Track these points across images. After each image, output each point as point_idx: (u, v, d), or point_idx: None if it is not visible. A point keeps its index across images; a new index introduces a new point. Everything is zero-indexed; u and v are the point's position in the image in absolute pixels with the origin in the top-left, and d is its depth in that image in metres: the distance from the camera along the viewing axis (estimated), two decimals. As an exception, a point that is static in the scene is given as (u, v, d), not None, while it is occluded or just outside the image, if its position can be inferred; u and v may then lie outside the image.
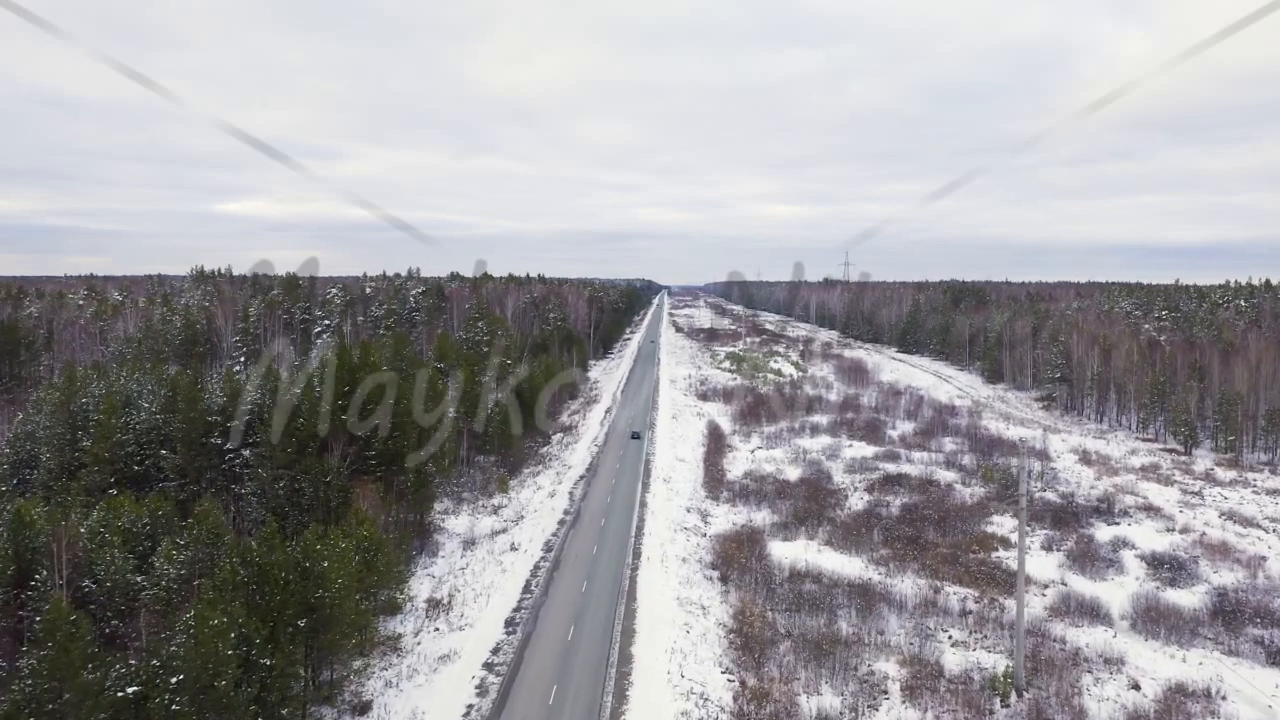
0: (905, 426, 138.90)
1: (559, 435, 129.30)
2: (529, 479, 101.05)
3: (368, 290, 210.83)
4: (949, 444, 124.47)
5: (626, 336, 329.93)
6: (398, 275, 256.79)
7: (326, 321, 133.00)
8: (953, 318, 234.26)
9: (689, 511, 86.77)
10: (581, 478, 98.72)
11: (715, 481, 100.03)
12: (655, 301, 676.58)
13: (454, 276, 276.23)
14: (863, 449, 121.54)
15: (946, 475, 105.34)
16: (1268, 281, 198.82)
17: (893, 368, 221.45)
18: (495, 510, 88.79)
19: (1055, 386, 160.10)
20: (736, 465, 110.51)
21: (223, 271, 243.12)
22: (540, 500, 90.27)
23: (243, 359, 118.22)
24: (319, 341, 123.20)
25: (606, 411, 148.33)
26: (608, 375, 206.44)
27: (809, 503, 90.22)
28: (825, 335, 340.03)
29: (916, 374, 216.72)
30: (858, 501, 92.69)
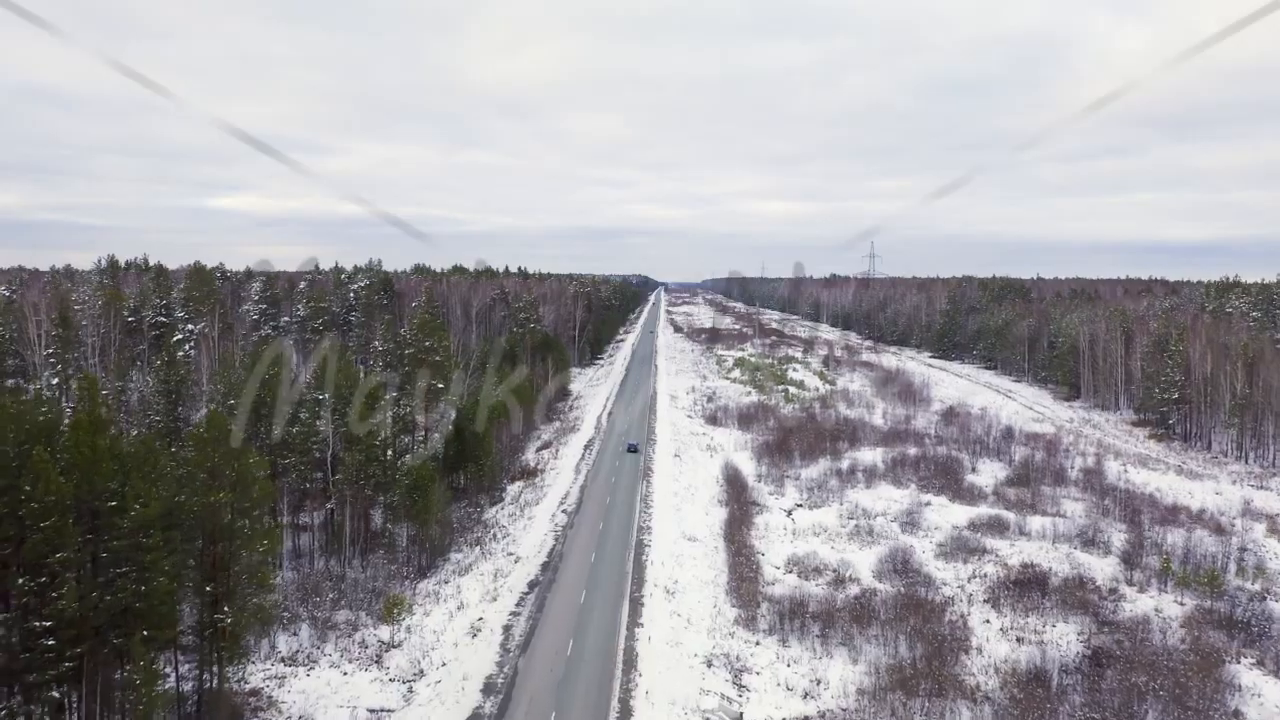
0: (992, 468, 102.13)
1: (516, 486, 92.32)
2: (451, 579, 63.89)
3: (302, 285, 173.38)
4: (1069, 502, 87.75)
5: (620, 337, 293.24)
6: (357, 269, 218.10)
7: (190, 327, 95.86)
8: (1009, 319, 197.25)
9: (710, 666, 49.78)
10: (533, 585, 61.53)
11: (746, 584, 63.04)
12: (652, 298, 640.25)
13: (418, 269, 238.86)
14: (948, 510, 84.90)
15: (1097, 565, 68.69)
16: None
17: (935, 378, 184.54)
18: (378, 657, 51.82)
19: (1172, 410, 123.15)
20: (772, 545, 73.66)
21: (140, 261, 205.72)
22: (455, 638, 53.22)
23: (54, 380, 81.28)
24: (179, 355, 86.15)
25: (586, 446, 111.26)
26: (594, 389, 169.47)
27: (912, 639, 53.36)
28: (833, 334, 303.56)
29: (963, 385, 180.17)
30: (990, 634, 55.80)
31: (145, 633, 35.92)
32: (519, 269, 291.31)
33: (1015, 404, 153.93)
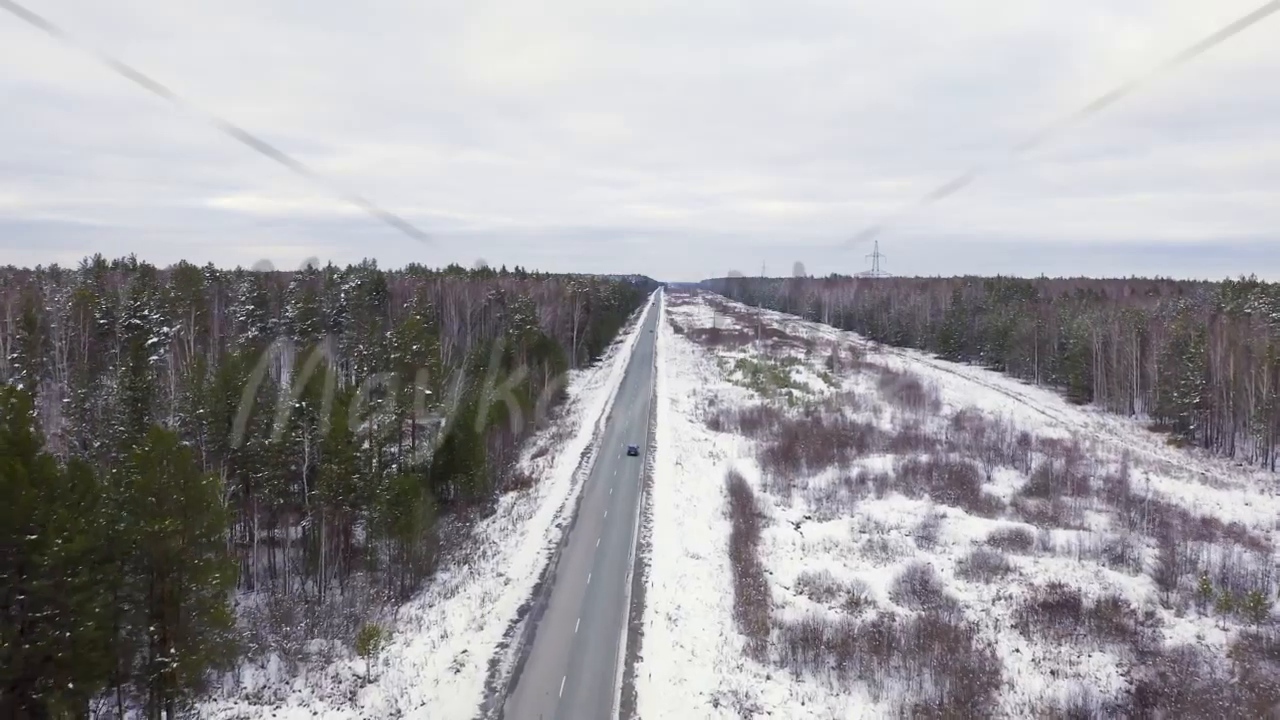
0: (1008, 477, 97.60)
1: (509, 497, 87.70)
2: (436, 603, 59.27)
3: (292, 285, 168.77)
4: (1093, 514, 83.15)
5: (619, 338, 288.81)
6: (350, 268, 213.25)
7: (165, 329, 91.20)
8: (1015, 319, 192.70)
9: (718, 706, 45.19)
10: (524, 611, 56.96)
11: (754, 608, 58.42)
12: (651, 299, 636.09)
13: (413, 269, 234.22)
14: (966, 522, 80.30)
15: (1129, 585, 64.02)
16: None
17: (942, 380, 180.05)
18: (352, 694, 47.19)
19: (1192, 415, 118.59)
20: (781, 562, 69.05)
21: (127, 260, 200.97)
22: (436, 673, 48.61)
23: (19, 384, 76.71)
24: (152, 360, 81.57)
25: (583, 454, 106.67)
26: (592, 392, 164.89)
27: (937, 672, 48.75)
28: (834, 335, 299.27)
29: (971, 387, 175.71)
30: (1022, 666, 51.17)
31: (71, 685, 31.25)
32: (516, 269, 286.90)
33: (1026, 407, 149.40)
